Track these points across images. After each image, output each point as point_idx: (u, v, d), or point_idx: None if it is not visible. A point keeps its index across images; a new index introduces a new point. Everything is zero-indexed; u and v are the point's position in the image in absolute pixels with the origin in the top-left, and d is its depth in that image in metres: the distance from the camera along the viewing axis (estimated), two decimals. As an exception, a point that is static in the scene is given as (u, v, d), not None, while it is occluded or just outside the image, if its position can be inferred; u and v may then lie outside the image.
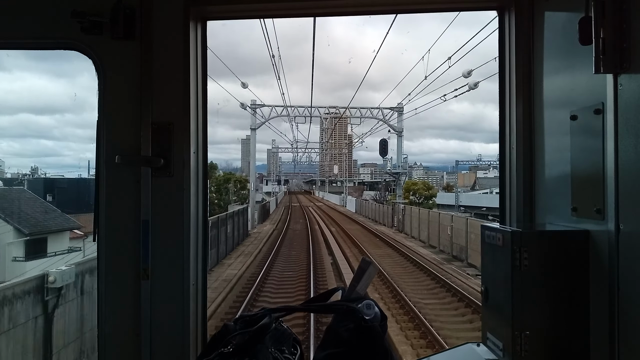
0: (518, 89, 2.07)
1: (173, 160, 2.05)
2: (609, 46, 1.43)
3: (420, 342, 12.68)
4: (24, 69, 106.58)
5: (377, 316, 1.42)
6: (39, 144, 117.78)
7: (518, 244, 1.64)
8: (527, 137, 2.05)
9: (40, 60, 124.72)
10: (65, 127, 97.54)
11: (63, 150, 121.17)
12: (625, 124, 1.42)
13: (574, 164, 1.71)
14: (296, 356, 1.50)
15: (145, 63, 2.05)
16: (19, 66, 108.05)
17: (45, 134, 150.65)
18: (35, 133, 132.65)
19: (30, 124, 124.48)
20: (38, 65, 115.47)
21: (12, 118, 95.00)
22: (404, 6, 2.37)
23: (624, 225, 1.43)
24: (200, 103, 2.18)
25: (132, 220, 2.05)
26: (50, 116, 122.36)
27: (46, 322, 10.81)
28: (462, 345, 2.19)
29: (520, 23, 2.06)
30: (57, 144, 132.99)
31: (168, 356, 2.06)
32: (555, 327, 1.65)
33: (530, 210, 2.05)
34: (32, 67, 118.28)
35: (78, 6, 1.98)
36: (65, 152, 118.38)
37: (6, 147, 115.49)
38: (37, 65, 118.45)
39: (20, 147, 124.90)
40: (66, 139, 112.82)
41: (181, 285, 2.06)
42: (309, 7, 2.33)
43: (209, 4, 2.18)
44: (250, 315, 1.48)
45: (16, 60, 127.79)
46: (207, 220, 2.26)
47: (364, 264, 1.51)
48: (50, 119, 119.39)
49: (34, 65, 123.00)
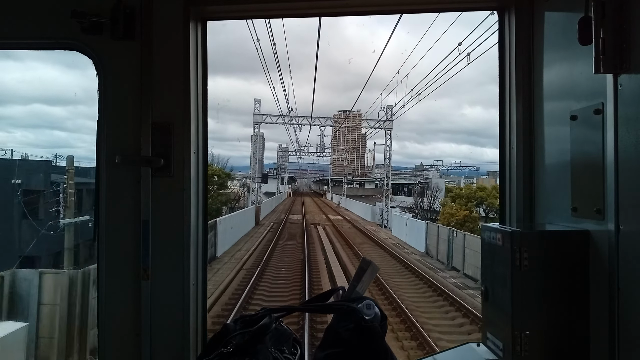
0: (518, 89, 2.07)
1: (173, 160, 2.05)
2: (609, 46, 1.43)
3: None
4: (35, 58, 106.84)
5: (377, 316, 1.42)
6: (53, 135, 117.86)
7: (518, 244, 1.64)
8: (527, 137, 2.05)
9: (50, 52, 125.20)
10: (78, 119, 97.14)
11: (76, 142, 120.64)
12: (625, 124, 1.42)
13: (574, 164, 1.71)
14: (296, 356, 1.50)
15: (145, 63, 2.05)
16: (30, 56, 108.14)
17: (59, 125, 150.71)
18: (48, 124, 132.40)
19: (44, 114, 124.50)
20: (49, 56, 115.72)
21: (25, 108, 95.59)
22: (404, 6, 2.37)
23: (624, 225, 1.43)
24: (200, 103, 2.18)
25: (132, 220, 2.05)
26: (63, 107, 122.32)
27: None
28: (462, 345, 2.19)
29: (520, 23, 2.06)
30: (70, 135, 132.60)
31: (168, 356, 2.06)
32: (555, 327, 1.65)
33: (530, 210, 2.05)
34: (43, 57, 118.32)
35: (78, 6, 1.98)
36: (79, 144, 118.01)
37: (21, 137, 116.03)
38: (49, 56, 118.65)
39: (34, 137, 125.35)
40: (79, 130, 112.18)
41: (181, 285, 2.05)
42: (309, 7, 2.33)
43: (209, 4, 2.18)
44: (251, 316, 1.48)
45: (28, 52, 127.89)
46: (207, 220, 2.26)
47: (364, 263, 1.51)
48: (63, 110, 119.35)
49: (44, 55, 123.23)
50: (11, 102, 78.80)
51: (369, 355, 1.38)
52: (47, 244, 21.61)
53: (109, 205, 2.08)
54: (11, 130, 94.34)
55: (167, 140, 2.05)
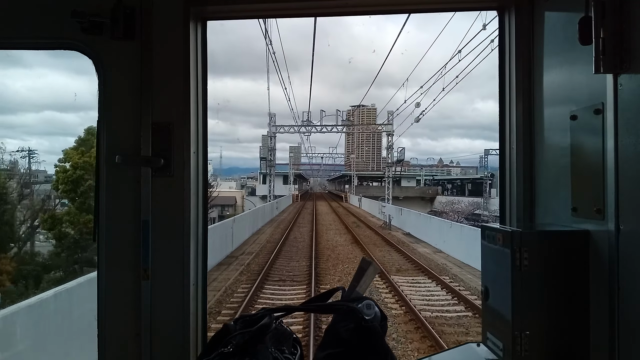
0: (518, 89, 2.07)
1: (173, 160, 2.05)
2: (609, 46, 1.43)
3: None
4: (44, 65, 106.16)
5: (377, 316, 1.42)
6: (67, 141, 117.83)
7: (518, 244, 1.64)
8: (527, 137, 2.05)
9: (58, 57, 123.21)
10: (90, 124, 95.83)
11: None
12: (625, 124, 1.42)
13: (574, 164, 1.71)
14: (296, 356, 1.50)
15: (145, 63, 2.05)
16: (39, 62, 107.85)
17: (72, 132, 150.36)
18: (61, 131, 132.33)
19: (56, 121, 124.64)
20: (58, 62, 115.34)
21: (37, 116, 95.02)
22: (404, 6, 2.37)
23: (624, 225, 1.43)
24: (200, 103, 2.18)
25: (132, 220, 2.05)
26: (75, 114, 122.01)
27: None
28: (462, 345, 2.19)
29: (520, 23, 2.06)
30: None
31: (168, 356, 2.06)
32: (555, 327, 1.65)
33: (530, 210, 2.04)
34: (51, 63, 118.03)
35: (78, 6, 1.97)
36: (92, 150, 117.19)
37: (36, 145, 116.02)
38: (57, 62, 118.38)
39: (49, 144, 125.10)
40: (92, 136, 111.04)
41: (181, 285, 2.05)
42: (309, 7, 2.33)
43: (209, 4, 2.18)
44: (251, 316, 1.48)
45: (36, 57, 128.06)
46: (207, 220, 2.26)
47: (364, 263, 1.51)
48: (75, 116, 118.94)
49: (52, 61, 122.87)
50: (24, 110, 78.87)
51: (369, 355, 1.38)
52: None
53: (108, 205, 2.08)
54: (26, 138, 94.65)
55: (167, 140, 2.05)
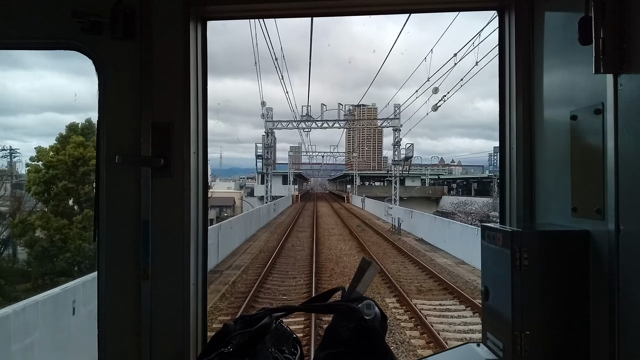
0: (518, 89, 2.07)
1: (173, 160, 2.05)
2: (609, 46, 1.43)
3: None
4: (43, 66, 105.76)
5: (377, 316, 1.42)
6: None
7: (518, 244, 1.64)
8: (527, 137, 2.05)
9: (58, 58, 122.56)
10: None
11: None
12: (625, 124, 1.42)
13: (574, 164, 1.71)
14: (296, 356, 1.50)
15: (145, 63, 2.05)
16: (38, 63, 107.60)
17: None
18: (61, 132, 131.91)
19: (56, 122, 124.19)
20: (57, 63, 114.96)
21: (37, 117, 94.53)
22: (404, 6, 2.37)
23: (624, 225, 1.43)
24: (200, 103, 2.18)
25: (132, 220, 2.05)
26: (75, 115, 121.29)
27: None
28: (462, 345, 2.19)
29: (520, 23, 2.06)
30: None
31: (168, 356, 2.06)
32: (555, 327, 1.65)
33: (530, 210, 2.04)
34: (51, 64, 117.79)
35: (78, 6, 1.97)
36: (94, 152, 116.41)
37: (36, 145, 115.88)
38: (57, 63, 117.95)
39: (49, 145, 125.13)
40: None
41: (181, 285, 2.05)
42: (309, 7, 2.33)
43: (209, 4, 2.18)
44: (251, 316, 1.48)
45: (35, 58, 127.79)
46: (207, 220, 2.26)
47: (364, 263, 1.51)
48: (74, 117, 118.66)
49: (52, 62, 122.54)
50: (24, 112, 78.59)
51: (369, 355, 1.38)
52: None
53: (108, 206, 2.08)
54: (27, 139, 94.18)
55: (167, 140, 2.05)
